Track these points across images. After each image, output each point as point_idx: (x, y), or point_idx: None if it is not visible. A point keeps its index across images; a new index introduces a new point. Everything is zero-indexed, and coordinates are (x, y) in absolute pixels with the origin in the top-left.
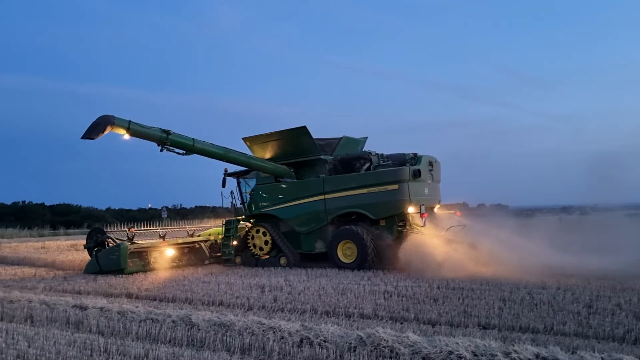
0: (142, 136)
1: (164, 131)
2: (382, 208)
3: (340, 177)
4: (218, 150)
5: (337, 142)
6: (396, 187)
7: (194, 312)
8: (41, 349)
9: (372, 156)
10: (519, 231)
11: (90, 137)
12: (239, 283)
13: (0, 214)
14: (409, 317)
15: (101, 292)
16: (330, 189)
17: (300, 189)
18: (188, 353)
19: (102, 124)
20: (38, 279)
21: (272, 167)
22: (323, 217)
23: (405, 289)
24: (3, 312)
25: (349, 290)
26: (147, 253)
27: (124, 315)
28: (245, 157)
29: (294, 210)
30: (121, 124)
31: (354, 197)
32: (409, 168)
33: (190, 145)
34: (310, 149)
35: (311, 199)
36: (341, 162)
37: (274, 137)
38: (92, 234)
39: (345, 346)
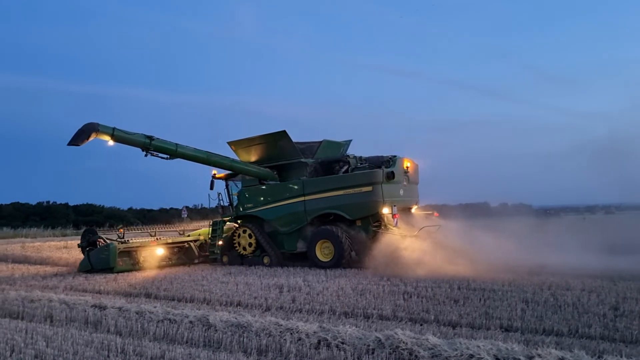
0: (126, 142)
1: (147, 137)
2: (358, 209)
3: (318, 180)
4: (201, 155)
5: (317, 145)
6: (370, 189)
7: (211, 312)
8: (59, 349)
9: (350, 159)
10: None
11: (76, 143)
12: (258, 283)
13: (25, 214)
14: (428, 318)
15: (121, 292)
16: (309, 190)
17: (281, 191)
18: (204, 354)
19: (87, 131)
20: (59, 278)
21: (255, 170)
22: (303, 217)
23: (425, 290)
24: (24, 312)
25: (368, 290)
26: (136, 252)
27: (142, 315)
28: (228, 160)
29: (277, 211)
30: (105, 131)
31: (331, 199)
32: (383, 170)
33: (173, 150)
34: (290, 153)
35: (292, 201)
36: (321, 165)
37: (256, 141)
38: (85, 234)
39: (363, 348)
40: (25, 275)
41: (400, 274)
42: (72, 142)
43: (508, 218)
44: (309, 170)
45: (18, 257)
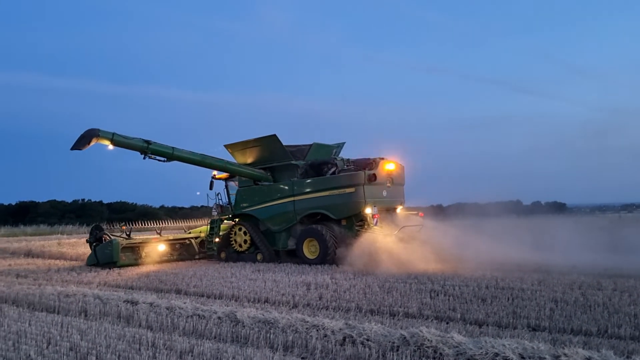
0: (125, 146)
1: (145, 141)
2: (342, 209)
3: (306, 181)
4: (196, 157)
5: (308, 148)
6: (353, 190)
7: (239, 309)
8: (92, 342)
9: (338, 161)
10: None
11: (78, 148)
12: (285, 280)
13: (62, 212)
14: (455, 317)
15: (152, 288)
16: (298, 191)
17: (273, 191)
18: (232, 349)
19: (88, 136)
20: (94, 274)
21: (248, 171)
22: (293, 217)
23: (453, 288)
24: (59, 306)
25: (394, 288)
26: (139, 248)
27: (172, 310)
28: (222, 162)
29: (269, 210)
30: (105, 136)
31: (318, 199)
32: (365, 173)
33: (170, 153)
34: (281, 155)
35: (283, 201)
36: (311, 167)
37: (250, 144)
38: (93, 230)
39: (388, 345)
40: (61, 271)
41: (375, 271)
42: (74, 147)
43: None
44: (299, 171)
45: (54, 253)
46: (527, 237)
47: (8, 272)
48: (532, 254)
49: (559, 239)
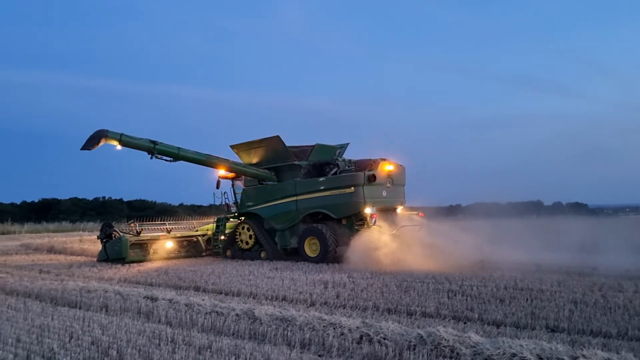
0: (133, 146)
1: (151, 142)
2: (342, 209)
3: (308, 181)
4: (201, 157)
5: (310, 149)
6: (352, 190)
7: (257, 306)
8: (113, 337)
9: (340, 162)
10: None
11: (88, 148)
12: (303, 279)
13: (83, 209)
14: (472, 317)
15: (171, 285)
16: (300, 191)
17: (277, 191)
18: (249, 346)
19: (97, 137)
20: (114, 271)
21: (252, 171)
22: (295, 216)
23: (471, 289)
24: (81, 301)
25: (412, 288)
26: (147, 245)
27: (191, 307)
28: (226, 162)
29: (273, 209)
30: (113, 137)
31: (319, 199)
32: (364, 173)
33: (175, 154)
34: (284, 156)
35: (286, 200)
36: (314, 167)
37: (254, 145)
38: (103, 228)
39: (405, 344)
40: (83, 267)
41: (372, 268)
42: (84, 147)
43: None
44: (302, 172)
45: (76, 250)
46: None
47: (31, 268)
48: (552, 255)
49: (580, 240)
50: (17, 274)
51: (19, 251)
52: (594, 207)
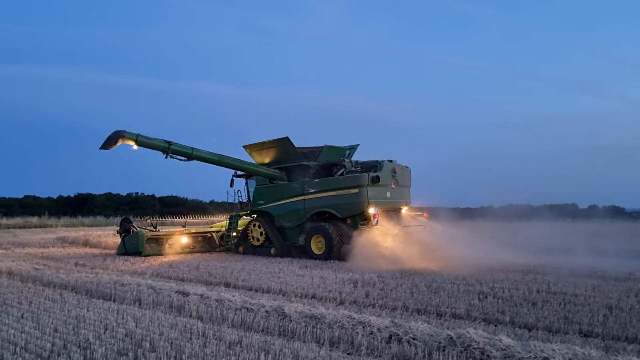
0: (148, 146)
1: (166, 142)
2: (346, 208)
3: (315, 181)
4: (213, 157)
5: (319, 150)
6: (357, 191)
7: (286, 303)
8: (146, 330)
9: (346, 163)
10: None
11: (106, 147)
12: (332, 277)
13: (117, 204)
14: (503, 319)
15: (202, 280)
16: (308, 190)
17: (286, 190)
18: (279, 342)
19: (115, 137)
20: (147, 265)
21: (263, 170)
22: (303, 214)
23: (502, 291)
24: (115, 294)
25: (442, 289)
26: (163, 240)
27: (222, 303)
28: (238, 162)
29: (282, 208)
30: (130, 137)
31: (325, 199)
32: (368, 175)
33: (189, 153)
34: (294, 156)
35: (294, 199)
36: (322, 167)
37: (265, 146)
38: (122, 223)
39: (435, 345)
40: (117, 261)
41: (372, 266)
42: (103, 147)
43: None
44: (311, 172)
45: (110, 244)
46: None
47: (67, 260)
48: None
49: (615, 243)
50: (53, 266)
51: (56, 244)
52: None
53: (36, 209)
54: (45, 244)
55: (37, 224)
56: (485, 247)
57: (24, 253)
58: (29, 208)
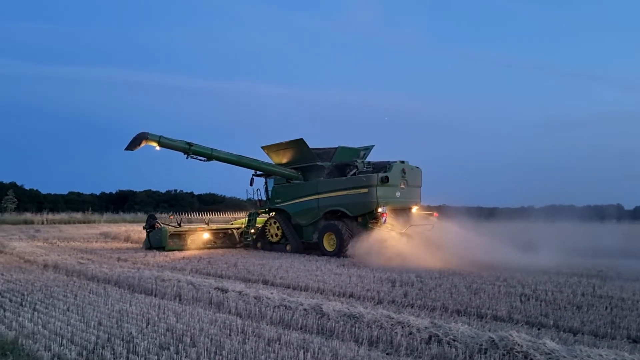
0: (170, 147)
1: (187, 143)
2: (357, 207)
3: (328, 181)
4: (232, 157)
5: (333, 151)
6: (366, 191)
7: (324, 301)
8: (187, 325)
9: (358, 163)
10: None
11: (131, 149)
12: (370, 276)
13: (156, 201)
14: (547, 323)
15: (240, 277)
16: (322, 190)
17: (302, 189)
18: (317, 340)
19: (139, 139)
20: (186, 261)
21: (280, 170)
22: (317, 212)
23: (545, 293)
24: (156, 289)
25: (482, 290)
26: (185, 235)
27: (260, 300)
28: (256, 162)
29: (298, 206)
30: (153, 138)
31: (338, 198)
32: (377, 175)
33: (209, 154)
34: (308, 157)
35: (309, 198)
36: (336, 168)
37: (282, 147)
38: (148, 219)
39: (476, 347)
40: (157, 257)
41: (379, 262)
42: (127, 148)
43: None
44: (326, 172)
45: None
46: (624, 244)
47: (110, 255)
48: (631, 262)
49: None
50: (97, 261)
51: (98, 239)
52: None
53: (80, 205)
54: (89, 239)
55: (81, 219)
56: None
57: (69, 247)
58: (73, 204)
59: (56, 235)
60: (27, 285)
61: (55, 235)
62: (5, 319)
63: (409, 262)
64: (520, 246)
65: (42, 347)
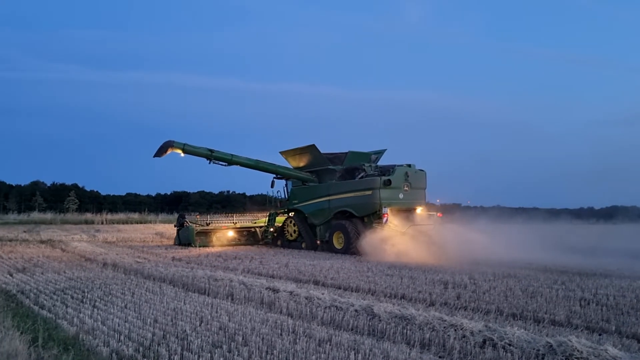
0: (194, 154)
1: (209, 150)
2: (362, 208)
3: (338, 183)
4: (250, 162)
5: (344, 155)
6: (370, 193)
7: (376, 303)
8: (239, 324)
9: (366, 167)
10: None
11: (159, 155)
12: (422, 278)
13: (209, 202)
14: (608, 328)
15: (291, 278)
16: (332, 192)
17: (315, 191)
18: (369, 342)
19: (165, 147)
20: (238, 261)
21: (295, 173)
22: (328, 213)
23: (606, 298)
24: (209, 289)
25: (539, 293)
26: (211, 233)
27: (311, 300)
28: (273, 166)
29: (312, 207)
30: (178, 146)
31: (346, 199)
32: (380, 178)
33: (229, 159)
34: (321, 161)
35: (321, 199)
36: (346, 171)
37: (297, 152)
38: (178, 218)
39: (532, 352)
40: (210, 257)
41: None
42: (155, 155)
43: None
44: (337, 175)
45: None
46: None
47: (165, 255)
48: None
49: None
50: (153, 260)
51: (154, 239)
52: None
53: (137, 206)
54: (145, 239)
55: (138, 219)
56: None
57: (127, 247)
58: (131, 205)
59: (115, 234)
60: (88, 282)
61: (113, 234)
62: (67, 315)
63: (405, 258)
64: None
65: (102, 343)
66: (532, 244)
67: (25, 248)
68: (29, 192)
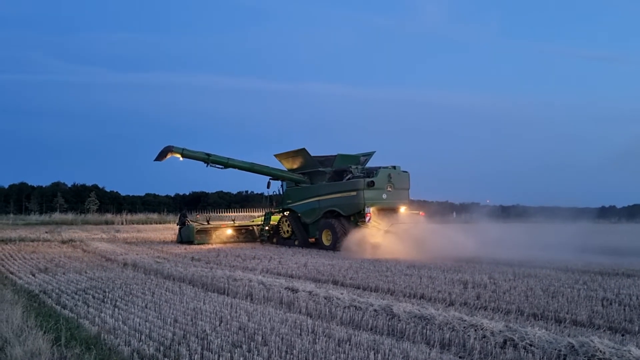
0: (192, 158)
1: (206, 154)
2: (348, 208)
3: (327, 185)
4: (245, 165)
5: (334, 158)
6: (354, 193)
7: (395, 303)
8: (258, 324)
9: (353, 169)
10: None
11: (159, 160)
12: (441, 277)
13: (228, 201)
14: (632, 329)
15: (310, 277)
16: (322, 192)
17: (307, 191)
18: (388, 342)
19: (165, 151)
20: (257, 261)
21: (288, 175)
22: (318, 212)
23: (629, 298)
24: (228, 289)
25: (560, 293)
26: (210, 231)
27: (330, 300)
28: (266, 168)
29: (304, 206)
30: (177, 151)
31: (334, 200)
32: (364, 179)
33: (225, 162)
34: (311, 164)
35: (312, 199)
36: (335, 173)
37: (290, 155)
38: (180, 217)
39: (554, 353)
40: (229, 257)
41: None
42: (156, 159)
43: None
44: (327, 177)
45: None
46: None
47: (184, 255)
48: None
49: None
50: (172, 260)
51: (174, 239)
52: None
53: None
54: (164, 239)
55: (157, 219)
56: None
57: (146, 247)
58: (150, 205)
59: (134, 235)
60: (109, 282)
61: (133, 235)
62: (89, 314)
63: (384, 254)
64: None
65: (123, 342)
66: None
67: (47, 248)
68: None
